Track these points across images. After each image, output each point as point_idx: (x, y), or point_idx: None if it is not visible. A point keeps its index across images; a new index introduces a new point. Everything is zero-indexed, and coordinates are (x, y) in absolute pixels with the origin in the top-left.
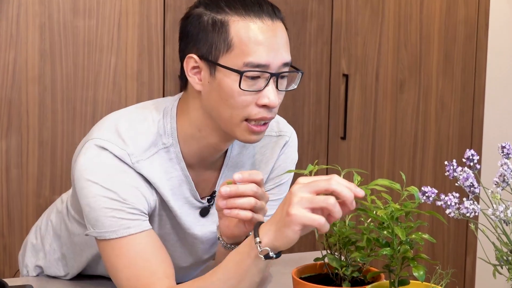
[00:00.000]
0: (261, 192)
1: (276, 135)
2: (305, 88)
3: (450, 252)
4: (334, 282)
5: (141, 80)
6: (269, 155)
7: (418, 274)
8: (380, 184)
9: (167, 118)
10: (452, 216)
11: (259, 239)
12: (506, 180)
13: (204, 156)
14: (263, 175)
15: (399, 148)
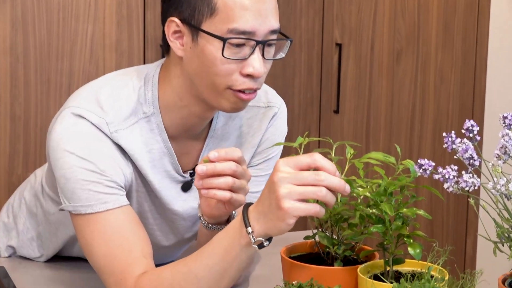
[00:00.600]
0: (241, 170)
1: (265, 106)
2: (296, 58)
3: (449, 232)
4: (326, 262)
5: (120, 49)
6: (257, 127)
7: (414, 252)
8: (374, 157)
9: (148, 86)
10: (450, 191)
11: (251, 229)
12: (507, 152)
13: (187, 126)
14: (250, 148)
15: (396, 122)
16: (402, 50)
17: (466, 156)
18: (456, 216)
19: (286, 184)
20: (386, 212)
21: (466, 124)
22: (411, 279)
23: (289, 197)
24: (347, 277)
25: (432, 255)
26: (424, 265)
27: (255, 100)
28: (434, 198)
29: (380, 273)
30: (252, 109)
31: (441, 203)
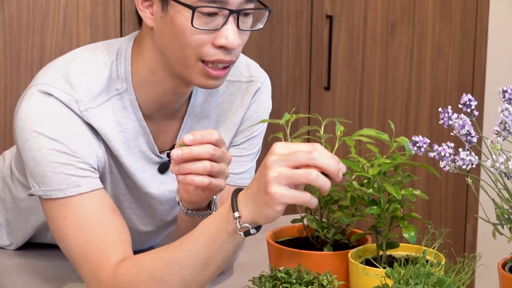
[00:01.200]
0: (219, 153)
1: (247, 80)
2: (283, 31)
3: (448, 216)
4: (315, 246)
5: (95, 22)
6: (239, 103)
7: (409, 236)
8: (366, 134)
9: (121, 60)
10: (447, 170)
11: (238, 214)
12: (507, 128)
13: (162, 104)
14: (232, 127)
15: (390, 99)
16: (397, 22)
17: (463, 132)
18: (455, 199)
19: (277, 167)
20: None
21: (463, 99)
22: (405, 264)
23: (277, 182)
24: (337, 263)
25: (427, 238)
26: (419, 249)
27: (237, 75)
28: (432, 179)
29: (372, 258)
30: (234, 84)
31: (439, 185)
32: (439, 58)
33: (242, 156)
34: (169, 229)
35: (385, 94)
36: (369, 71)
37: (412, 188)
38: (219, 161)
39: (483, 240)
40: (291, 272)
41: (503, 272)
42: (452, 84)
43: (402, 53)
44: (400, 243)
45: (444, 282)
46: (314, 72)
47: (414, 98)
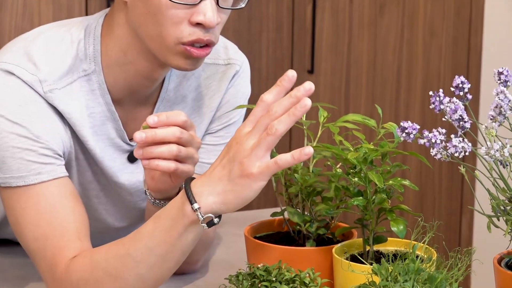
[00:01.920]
0: (187, 136)
1: (224, 63)
2: (262, 11)
3: (442, 210)
4: (296, 242)
5: (58, 2)
6: (216, 88)
7: (397, 229)
8: (351, 120)
9: (90, 39)
10: (438, 159)
11: (197, 205)
12: (503, 113)
13: (133, 88)
14: (208, 113)
15: (379, 84)
16: (385, 1)
17: (455, 117)
18: (450, 191)
19: (246, 144)
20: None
21: (455, 81)
22: (394, 259)
23: (255, 159)
24: (321, 259)
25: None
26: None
27: (214, 57)
28: (425, 170)
29: (358, 253)
30: (210, 67)
31: (432, 176)
32: (432, 39)
33: (218, 145)
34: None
35: (374, 79)
36: (356, 53)
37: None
38: (187, 145)
39: (479, 235)
40: (271, 269)
41: (498, 267)
42: (446, 67)
43: (391, 34)
44: (388, 238)
45: (435, 279)
46: (296, 55)
47: (404, 82)
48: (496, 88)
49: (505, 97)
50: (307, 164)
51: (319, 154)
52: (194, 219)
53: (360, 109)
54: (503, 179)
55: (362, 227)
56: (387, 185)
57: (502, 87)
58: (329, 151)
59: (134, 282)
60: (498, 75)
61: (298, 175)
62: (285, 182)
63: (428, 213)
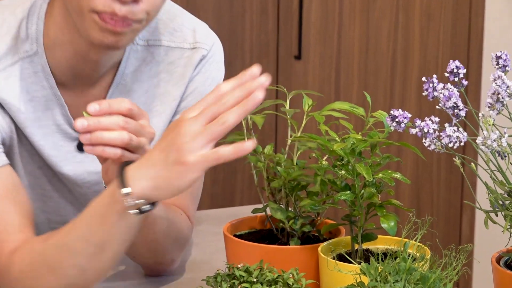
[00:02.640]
0: (133, 126)
1: (190, 47)
2: None
3: (441, 207)
4: (279, 240)
5: None
6: (180, 74)
7: (388, 226)
8: (338, 108)
9: (33, 18)
10: (432, 150)
11: (127, 190)
12: (500, 100)
13: (77, 70)
14: (171, 102)
15: (372, 72)
16: None
17: (450, 104)
18: (449, 185)
19: (189, 128)
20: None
21: (450, 66)
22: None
23: (194, 148)
24: (306, 258)
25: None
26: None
27: (179, 41)
28: (421, 163)
29: (346, 252)
30: (174, 51)
31: (430, 170)
32: (429, 23)
33: None
34: None
35: (366, 65)
36: (347, 38)
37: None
38: (137, 135)
39: (481, 232)
40: (252, 270)
41: (497, 266)
42: (444, 53)
43: (385, 18)
44: (378, 235)
45: (428, 279)
46: (282, 39)
47: (400, 70)
48: (494, 73)
49: (503, 83)
50: (291, 156)
51: (303, 145)
52: (124, 207)
53: (352, 99)
54: (501, 172)
55: (350, 224)
56: (376, 179)
57: (500, 72)
58: (315, 142)
59: (73, 273)
60: (496, 59)
61: (281, 168)
62: (267, 176)
63: (426, 210)
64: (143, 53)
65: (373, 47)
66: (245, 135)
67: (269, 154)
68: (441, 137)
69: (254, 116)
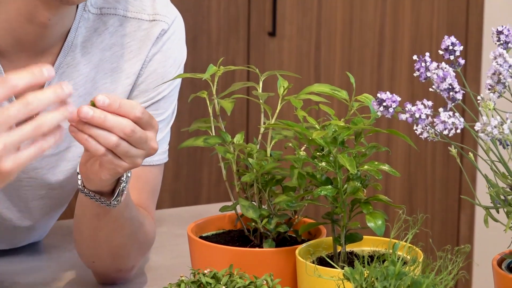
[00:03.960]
0: (139, 136)
1: (149, 19)
2: None
3: (436, 204)
4: (252, 242)
5: None
6: (136, 49)
7: (375, 225)
8: (317, 91)
9: None
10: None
11: None
12: (502, 81)
13: (19, 35)
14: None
15: (357, 48)
16: None
17: (444, 86)
18: (446, 180)
19: None
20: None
21: (445, 42)
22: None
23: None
24: (282, 262)
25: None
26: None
27: (137, 10)
28: (414, 155)
29: (327, 255)
30: (130, 22)
31: (424, 162)
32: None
33: None
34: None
35: (350, 42)
36: (328, 11)
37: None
38: (137, 146)
39: (482, 232)
40: (220, 276)
41: (498, 270)
42: (440, 27)
43: None
44: (364, 236)
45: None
46: (254, 13)
47: (388, 47)
48: (494, 51)
49: (505, 61)
50: (264, 146)
51: (278, 134)
52: None
53: (333, 81)
54: (503, 163)
55: (331, 223)
56: (361, 171)
57: (501, 50)
58: (291, 130)
59: None
60: (497, 35)
61: (253, 160)
62: (237, 169)
63: (419, 206)
64: (95, 22)
65: (358, 20)
66: (211, 122)
67: (239, 144)
68: (435, 124)
69: (222, 101)
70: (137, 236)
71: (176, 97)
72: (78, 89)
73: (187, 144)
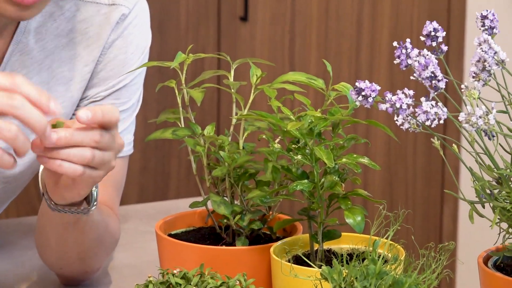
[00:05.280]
0: (107, 140)
1: (108, 3)
2: None
3: (417, 198)
4: (224, 240)
5: None
6: (94, 35)
7: (354, 221)
8: (292, 80)
9: None
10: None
11: None
12: (487, 69)
13: None
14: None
15: (334, 36)
16: None
17: (426, 74)
18: (428, 173)
19: None
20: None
21: (426, 28)
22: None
23: None
24: (256, 261)
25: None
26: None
27: None
28: (394, 147)
29: (304, 253)
30: (88, 6)
31: (404, 154)
32: None
33: None
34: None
35: (326, 28)
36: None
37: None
38: (107, 149)
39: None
40: (190, 276)
41: (484, 268)
42: (421, 12)
43: None
44: (342, 233)
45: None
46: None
47: (367, 34)
48: (479, 37)
49: (490, 48)
50: (237, 138)
51: (251, 125)
52: None
53: (309, 69)
54: (488, 155)
55: (308, 220)
56: (339, 164)
57: (485, 35)
58: (265, 121)
59: None
60: (481, 20)
61: (225, 153)
62: (208, 163)
63: (400, 201)
64: (50, 6)
65: (334, 5)
66: (180, 113)
67: (210, 136)
68: (417, 114)
69: (192, 91)
70: (103, 237)
71: (140, 86)
72: (32, 78)
73: (155, 137)
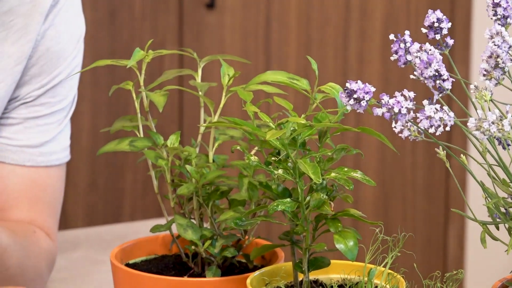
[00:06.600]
0: None
1: None
2: None
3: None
4: (191, 270)
5: None
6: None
7: (345, 247)
8: (271, 81)
9: None
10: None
11: None
12: (500, 65)
13: None
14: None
15: (318, 26)
16: None
17: (429, 73)
18: (430, 189)
19: None
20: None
21: (429, 18)
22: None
23: None
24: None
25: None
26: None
27: None
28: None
29: (287, 285)
30: None
31: (402, 167)
32: None
33: (41, 117)
34: None
35: (308, 18)
36: None
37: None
38: None
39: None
40: None
41: None
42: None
43: None
44: (332, 260)
45: None
46: None
47: (356, 24)
48: (491, 28)
49: (504, 41)
50: (206, 150)
51: (223, 134)
52: None
53: (290, 67)
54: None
55: (291, 245)
56: (327, 180)
57: (499, 26)
58: (239, 129)
59: None
60: (493, 8)
61: (192, 168)
62: (172, 179)
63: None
64: None
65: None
66: (139, 120)
67: (174, 148)
68: (418, 120)
69: (152, 94)
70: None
71: (77, 81)
72: None
73: (109, 149)
